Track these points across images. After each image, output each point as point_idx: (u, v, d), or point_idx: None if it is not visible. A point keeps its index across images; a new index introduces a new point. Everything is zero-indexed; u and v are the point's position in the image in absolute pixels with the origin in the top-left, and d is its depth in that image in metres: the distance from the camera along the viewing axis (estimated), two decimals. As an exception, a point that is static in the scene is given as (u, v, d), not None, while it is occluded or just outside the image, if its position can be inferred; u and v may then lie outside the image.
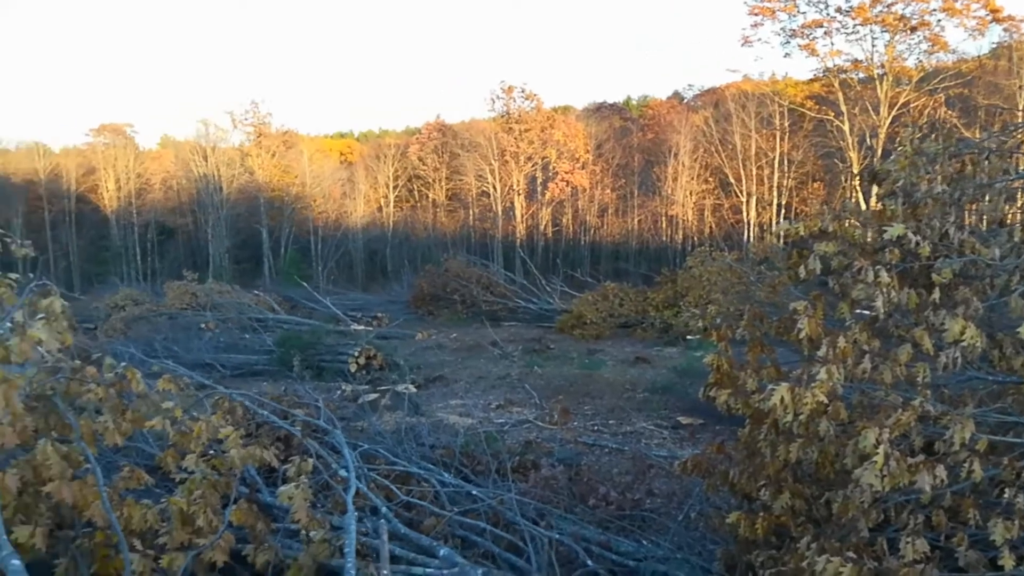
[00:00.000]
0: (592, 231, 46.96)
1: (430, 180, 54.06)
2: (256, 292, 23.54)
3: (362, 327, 18.20)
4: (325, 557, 3.48)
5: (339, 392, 10.68)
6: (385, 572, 3.05)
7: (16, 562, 2.49)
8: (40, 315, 3.89)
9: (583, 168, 45.84)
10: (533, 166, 45.97)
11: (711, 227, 42.32)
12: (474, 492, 4.89)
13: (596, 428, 8.86)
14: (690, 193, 42.24)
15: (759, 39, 35.35)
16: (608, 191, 46.36)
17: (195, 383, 5.19)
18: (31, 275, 4.15)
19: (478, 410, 9.74)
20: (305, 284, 24.14)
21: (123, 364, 4.15)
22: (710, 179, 42.64)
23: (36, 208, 49.76)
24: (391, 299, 26.16)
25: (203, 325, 16.61)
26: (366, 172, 54.77)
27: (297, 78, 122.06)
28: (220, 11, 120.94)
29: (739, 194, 40.48)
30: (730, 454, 4.28)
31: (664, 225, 44.04)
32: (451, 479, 5.29)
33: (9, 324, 3.93)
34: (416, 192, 55.88)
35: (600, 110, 55.98)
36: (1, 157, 50.68)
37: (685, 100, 55.11)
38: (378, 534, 3.36)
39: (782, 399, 3.21)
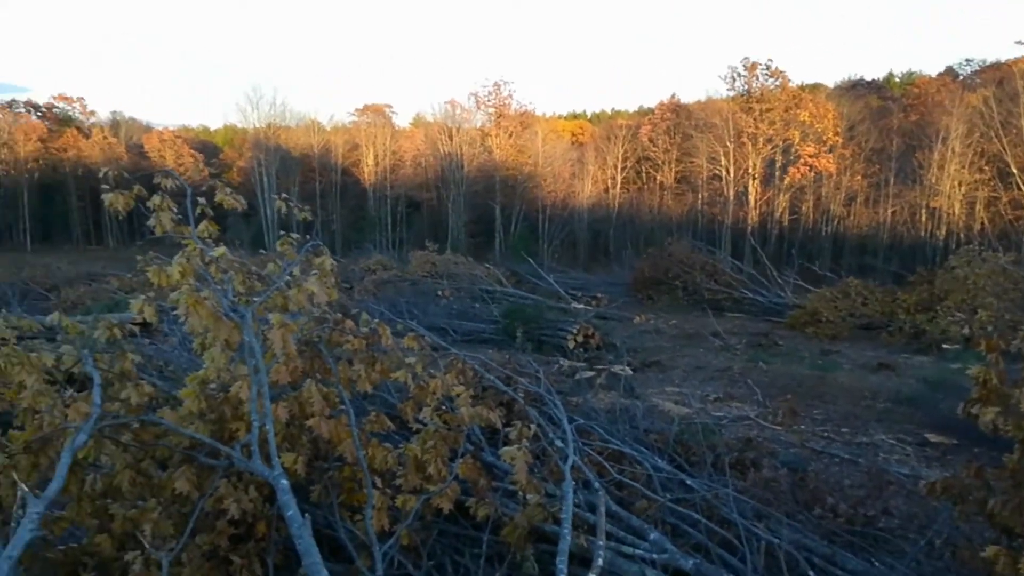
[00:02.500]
0: (836, 221, 43.02)
1: (659, 162, 53.09)
2: (487, 265, 24.94)
3: (582, 306, 18.53)
4: (539, 520, 3.63)
5: (557, 366, 10.99)
6: (601, 543, 3.10)
7: (284, 482, 2.91)
8: (313, 271, 4.46)
9: (830, 152, 42.04)
10: (773, 149, 43.11)
11: (983, 223, 36.68)
12: (688, 482, 4.78)
13: (826, 435, 8.18)
14: (959, 183, 36.91)
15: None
16: (858, 178, 42.11)
17: (432, 343, 5.65)
18: (307, 236, 4.77)
19: (695, 400, 9.47)
20: (531, 260, 25.06)
21: (375, 320, 4.64)
22: (986, 168, 36.88)
23: (308, 179, 57.07)
24: (612, 280, 26.24)
25: (440, 292, 18.03)
26: (596, 153, 55.23)
27: (537, 59, 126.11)
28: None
29: (1021, 187, 34.50)
30: (990, 481, 3.74)
31: (923, 218, 39.01)
32: (664, 465, 5.22)
33: (288, 277, 4.57)
34: (644, 174, 55.22)
35: (855, 88, 50.86)
36: (284, 133, 58.43)
37: (960, 77, 47.97)
38: (594, 507, 3.43)
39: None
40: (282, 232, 4.89)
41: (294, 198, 5.31)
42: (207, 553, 3.46)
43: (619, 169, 54.44)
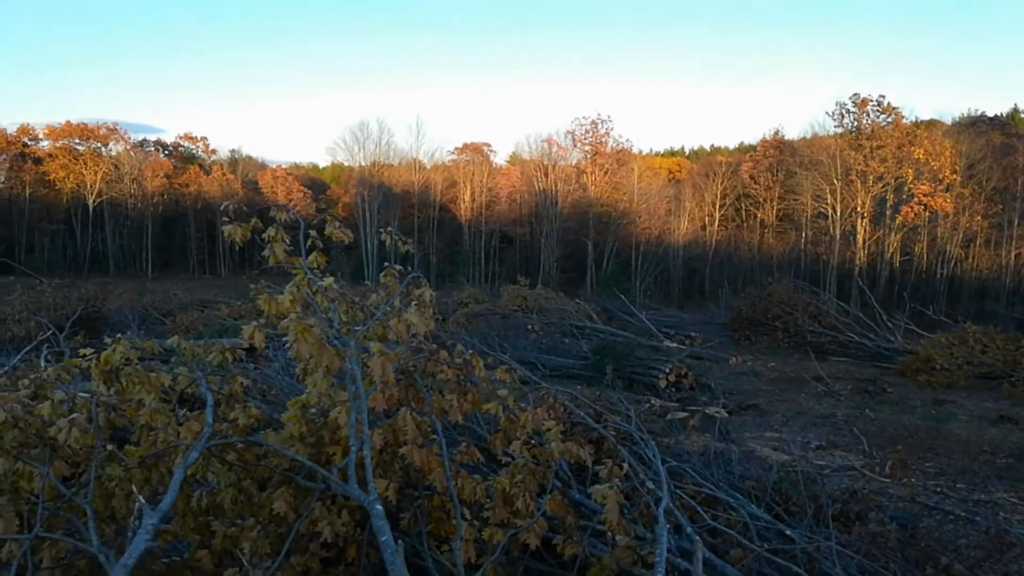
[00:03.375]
0: (952, 263, 40.39)
1: (760, 199, 51.74)
2: (578, 300, 24.87)
3: (675, 344, 18.11)
4: (628, 563, 3.53)
5: (647, 405, 10.75)
6: (693, 592, 2.99)
7: (379, 507, 2.97)
8: (413, 302, 4.59)
9: (947, 191, 39.66)
10: (884, 187, 41.13)
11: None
12: (787, 532, 4.53)
13: (940, 489, 7.58)
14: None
15: None
16: (978, 218, 39.49)
17: (522, 377, 5.66)
18: (409, 269, 4.92)
19: (795, 447, 9.00)
20: (623, 297, 24.81)
21: (469, 352, 4.71)
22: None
23: (408, 214, 59.11)
24: (706, 319, 25.55)
25: (530, 326, 18.09)
26: (693, 190, 54.49)
27: (635, 96, 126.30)
28: (566, 41, 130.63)
29: None
30: None
31: (1053, 262, 36.03)
32: (761, 513, 4.97)
33: (388, 308, 4.72)
34: (743, 211, 53.91)
35: (976, 124, 48.03)
36: (387, 171, 61.08)
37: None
38: (685, 553, 3.30)
39: None
40: (386, 264, 5.08)
41: (395, 232, 5.51)
42: (300, 574, 3.56)
43: (717, 206, 53.41)
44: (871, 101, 41.93)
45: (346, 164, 69.97)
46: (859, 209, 41.67)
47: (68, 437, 3.63)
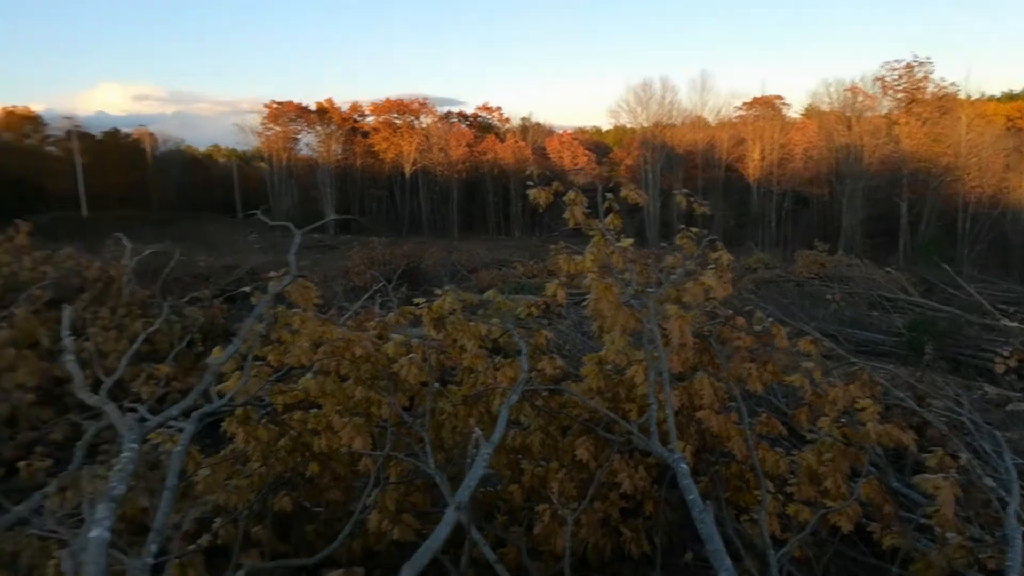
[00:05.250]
0: None
1: None
2: (887, 269, 22.14)
3: (1015, 324, 15.25)
4: (962, 565, 3.11)
5: (980, 393, 9.25)
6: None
7: (684, 466, 2.99)
8: (710, 266, 4.48)
9: None
10: None
11: None
12: None
13: None
14: None
15: None
16: None
17: (826, 350, 5.23)
18: (704, 231, 4.79)
19: None
20: (945, 266, 21.47)
21: (769, 319, 4.48)
22: None
23: (691, 175, 57.59)
24: (1060, 296, 21.05)
25: (829, 296, 16.56)
26: (1044, 138, 44.81)
27: (960, 31, 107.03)
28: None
29: None
30: None
31: None
32: None
33: (684, 270, 4.66)
34: (1121, 163, 43.01)
35: None
36: (669, 131, 59.87)
37: None
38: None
39: None
40: (681, 226, 5.02)
41: (690, 194, 5.38)
42: (600, 520, 3.75)
43: (1079, 158, 43.36)
44: None
45: (628, 126, 70.20)
46: None
47: (408, 373, 4.23)
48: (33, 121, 61.95)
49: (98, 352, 7.20)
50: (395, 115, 69.81)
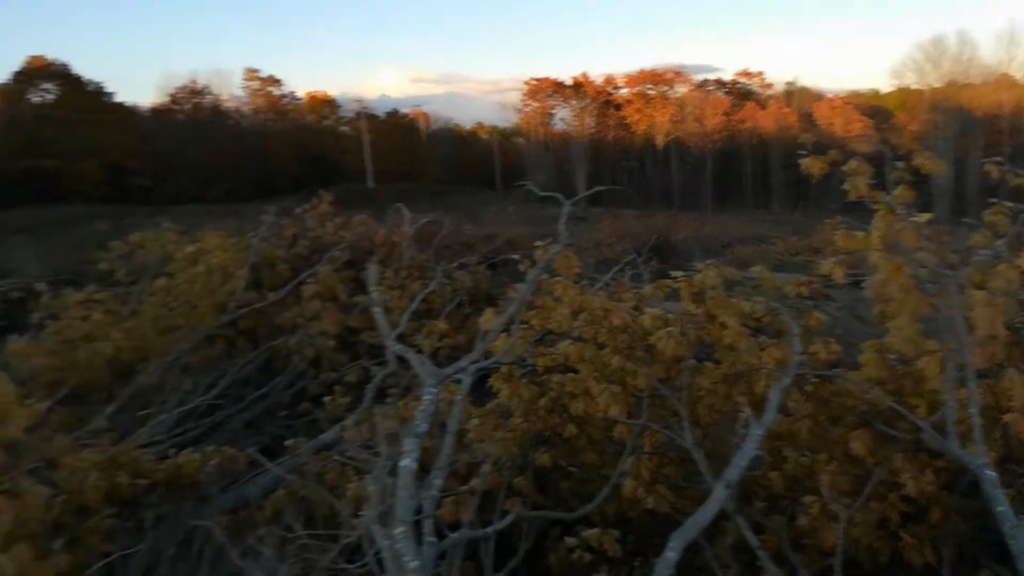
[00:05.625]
0: None
1: None
2: None
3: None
4: None
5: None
6: None
7: (991, 473, 2.62)
8: (1027, 245, 3.82)
9: None
10: None
11: None
12: None
13: None
14: None
15: None
16: None
17: None
18: (1020, 206, 4.07)
19: None
20: None
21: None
22: None
23: (993, 141, 49.12)
24: None
25: None
26: None
27: None
28: None
29: None
30: None
31: None
32: None
33: (992, 251, 4.01)
34: None
35: None
36: (966, 91, 51.59)
37: None
38: None
39: None
40: (992, 200, 4.32)
41: (974, 162, 4.60)
42: (876, 521, 3.43)
43: None
44: None
45: (914, 87, 61.62)
46: None
47: (665, 346, 4.22)
48: (330, 104, 71.69)
49: (384, 308, 8.22)
50: (649, 86, 68.97)
